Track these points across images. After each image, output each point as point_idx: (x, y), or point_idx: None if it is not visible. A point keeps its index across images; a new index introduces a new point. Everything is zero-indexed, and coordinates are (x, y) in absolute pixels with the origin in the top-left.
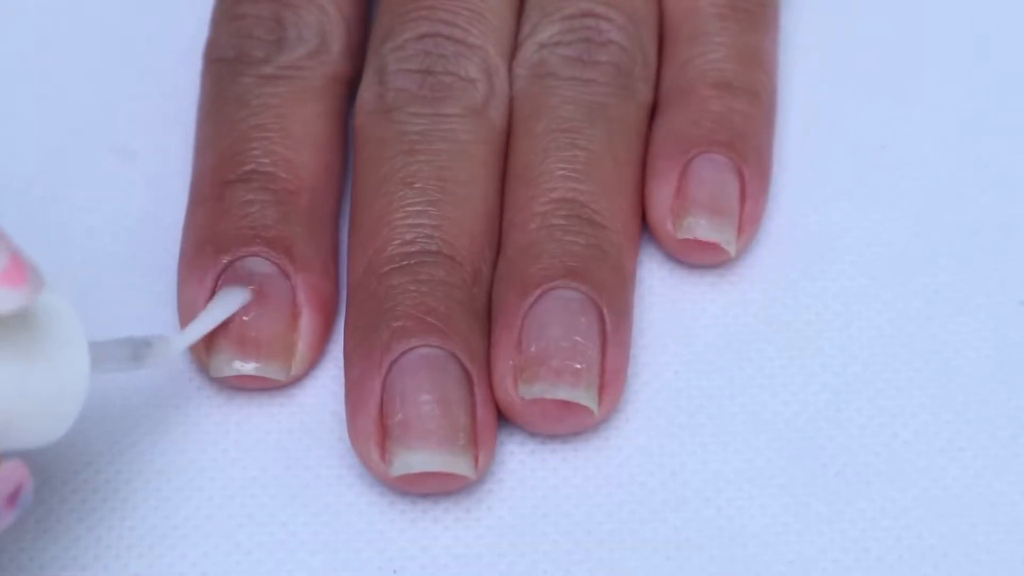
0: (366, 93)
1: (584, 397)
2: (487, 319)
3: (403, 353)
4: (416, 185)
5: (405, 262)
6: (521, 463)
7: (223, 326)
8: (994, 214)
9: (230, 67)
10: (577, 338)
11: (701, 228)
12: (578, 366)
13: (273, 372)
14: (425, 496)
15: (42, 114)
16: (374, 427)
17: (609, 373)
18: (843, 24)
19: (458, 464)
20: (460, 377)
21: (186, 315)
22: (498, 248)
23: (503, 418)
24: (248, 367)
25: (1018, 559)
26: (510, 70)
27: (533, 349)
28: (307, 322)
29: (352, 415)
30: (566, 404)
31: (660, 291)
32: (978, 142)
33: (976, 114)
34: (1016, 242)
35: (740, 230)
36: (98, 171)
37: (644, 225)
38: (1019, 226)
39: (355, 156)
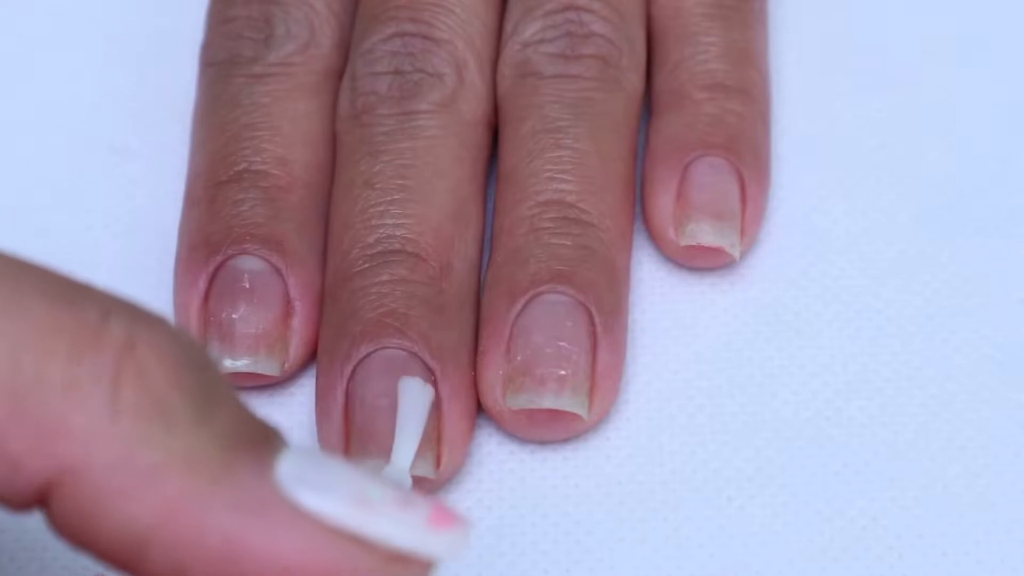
0: (341, 100)
1: (570, 404)
2: (462, 312)
3: (363, 359)
4: (377, 186)
5: (367, 264)
6: (521, 463)
7: (216, 325)
8: (994, 212)
9: (223, 69)
10: (562, 343)
11: (704, 233)
12: (562, 372)
13: (265, 368)
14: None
15: (42, 114)
16: (338, 436)
17: (600, 374)
18: (840, 21)
19: (415, 467)
20: (422, 376)
21: (181, 317)
22: (480, 240)
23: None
24: (240, 364)
25: (1018, 559)
26: (496, 70)
27: (519, 358)
28: (300, 317)
29: (320, 423)
30: (554, 411)
31: (660, 291)
32: (977, 139)
33: (975, 111)
34: (1016, 240)
35: (743, 232)
36: (98, 171)
37: (647, 232)
38: (1019, 224)
39: (334, 161)
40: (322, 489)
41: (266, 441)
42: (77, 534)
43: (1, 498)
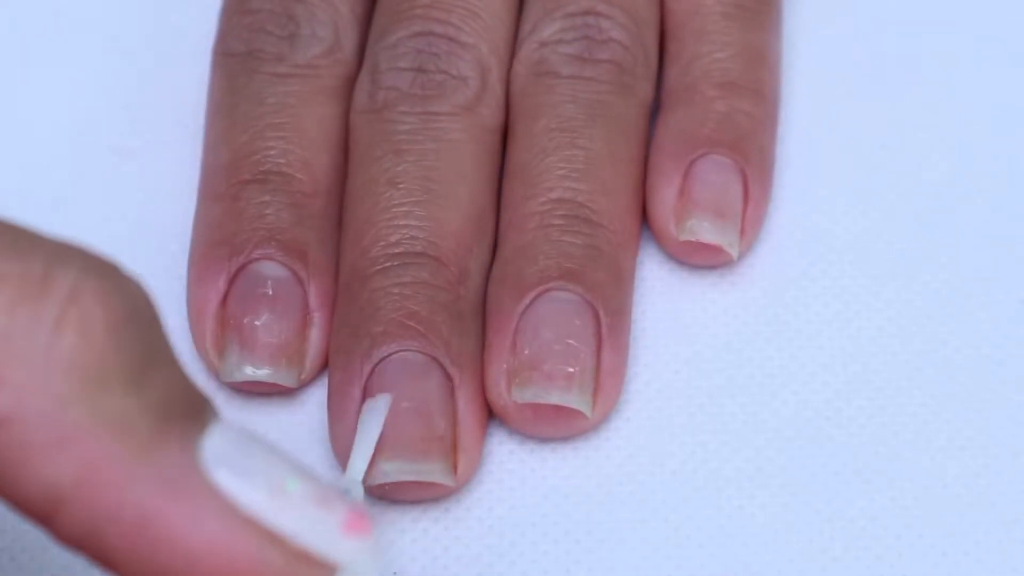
0: (359, 93)
1: (577, 401)
2: (477, 318)
3: (383, 359)
4: (402, 186)
5: (388, 264)
6: (521, 463)
7: (236, 329)
8: (994, 213)
9: (242, 62)
10: (570, 341)
11: (704, 230)
12: (571, 370)
13: (284, 378)
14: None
15: (42, 114)
16: (353, 435)
17: (604, 374)
18: (844, 23)
19: (433, 473)
20: (441, 382)
21: (196, 314)
22: (493, 247)
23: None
24: (261, 372)
25: (1018, 559)
26: (510, 68)
27: (527, 352)
28: (318, 329)
29: (333, 422)
30: (559, 408)
31: (660, 291)
32: (978, 141)
33: (976, 113)
34: (1016, 240)
35: (743, 232)
36: (98, 171)
37: (646, 225)
38: (1019, 225)
39: (348, 156)
40: (242, 473)
41: (197, 414)
42: None
43: None
